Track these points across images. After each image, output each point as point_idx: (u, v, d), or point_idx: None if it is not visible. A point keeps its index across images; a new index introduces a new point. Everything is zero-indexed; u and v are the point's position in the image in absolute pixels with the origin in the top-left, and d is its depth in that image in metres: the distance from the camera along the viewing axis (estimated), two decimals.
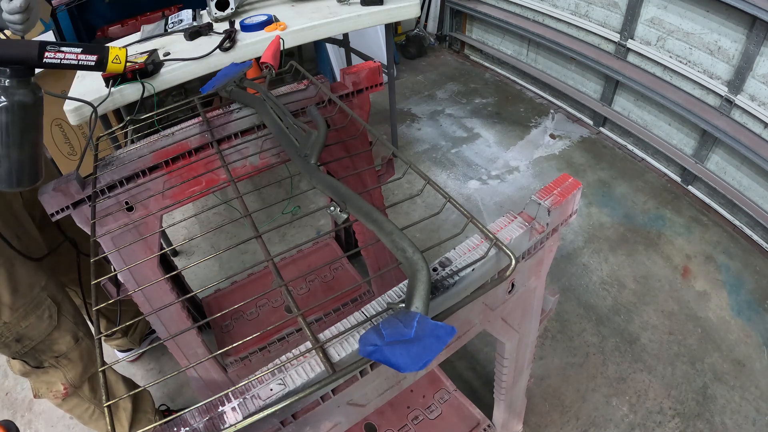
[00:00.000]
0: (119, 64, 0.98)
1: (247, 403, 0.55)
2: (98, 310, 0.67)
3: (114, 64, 0.96)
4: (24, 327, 1.08)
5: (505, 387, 1.13)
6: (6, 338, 1.06)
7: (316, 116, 0.93)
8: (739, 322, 1.79)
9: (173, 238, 2.31)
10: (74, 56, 0.85)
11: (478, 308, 0.78)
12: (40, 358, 1.15)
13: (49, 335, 1.13)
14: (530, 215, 0.76)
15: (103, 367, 0.62)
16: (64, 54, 0.83)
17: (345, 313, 1.70)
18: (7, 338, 1.06)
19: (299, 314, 0.64)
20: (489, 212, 2.35)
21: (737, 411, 1.53)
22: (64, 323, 1.16)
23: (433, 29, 3.90)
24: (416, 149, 2.81)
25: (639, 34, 2.42)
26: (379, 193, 1.53)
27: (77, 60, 0.86)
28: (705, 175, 2.24)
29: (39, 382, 1.20)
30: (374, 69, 1.28)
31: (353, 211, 0.70)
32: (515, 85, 3.36)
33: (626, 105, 2.65)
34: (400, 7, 2.06)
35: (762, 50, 1.89)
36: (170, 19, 1.99)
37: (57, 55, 0.83)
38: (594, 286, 1.94)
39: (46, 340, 1.13)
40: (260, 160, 1.19)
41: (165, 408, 1.62)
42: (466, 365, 1.70)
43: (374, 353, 0.49)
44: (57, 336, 1.15)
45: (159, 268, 1.22)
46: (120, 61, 0.99)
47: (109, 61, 0.92)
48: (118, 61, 0.98)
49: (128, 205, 1.08)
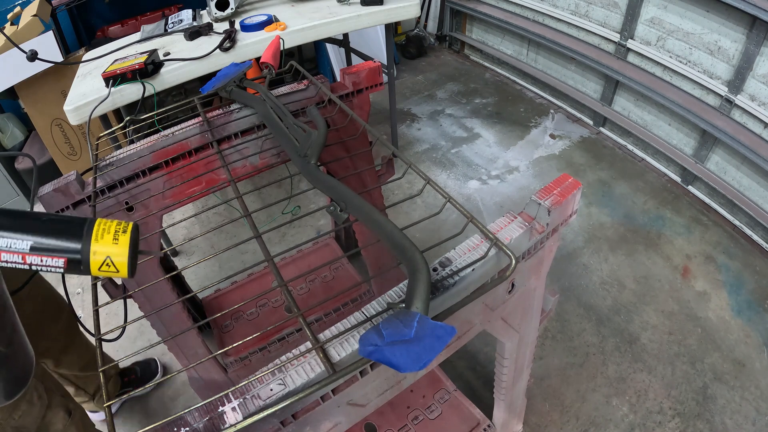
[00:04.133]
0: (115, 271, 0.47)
1: (247, 403, 0.55)
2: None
3: (104, 272, 0.47)
4: (18, 418, 1.00)
5: (505, 387, 1.13)
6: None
7: (316, 116, 0.93)
8: (739, 322, 1.79)
9: (173, 238, 2.31)
10: (19, 259, 0.44)
11: (478, 308, 0.78)
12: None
13: (44, 418, 1.06)
14: (530, 215, 0.76)
15: (103, 368, 0.62)
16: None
17: (345, 313, 1.70)
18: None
19: (299, 314, 0.64)
20: (489, 212, 2.35)
21: (737, 411, 1.53)
22: (54, 399, 1.10)
23: (433, 29, 3.90)
24: (416, 149, 2.81)
25: (639, 34, 2.42)
26: (379, 193, 1.53)
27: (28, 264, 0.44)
28: (705, 175, 2.24)
29: None
30: (374, 69, 1.28)
31: (353, 211, 0.70)
32: (515, 85, 3.36)
33: (626, 105, 2.65)
34: (400, 7, 2.06)
35: (762, 50, 1.89)
36: (170, 19, 1.99)
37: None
38: (594, 286, 1.94)
39: (42, 426, 1.07)
40: (260, 160, 1.19)
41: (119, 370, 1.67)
42: (466, 365, 1.70)
43: (374, 353, 0.49)
44: (51, 416, 1.08)
45: (159, 268, 1.22)
46: (115, 269, 0.47)
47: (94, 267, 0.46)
48: (111, 269, 0.47)
49: (128, 205, 1.08)
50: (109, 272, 0.46)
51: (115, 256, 0.45)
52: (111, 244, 0.45)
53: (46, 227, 0.44)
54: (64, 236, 0.44)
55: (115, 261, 0.45)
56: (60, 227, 0.44)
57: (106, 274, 0.47)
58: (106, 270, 0.46)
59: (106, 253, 0.45)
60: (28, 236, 0.43)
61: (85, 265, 0.45)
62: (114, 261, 0.45)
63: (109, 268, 0.46)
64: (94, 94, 1.58)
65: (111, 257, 0.45)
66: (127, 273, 0.47)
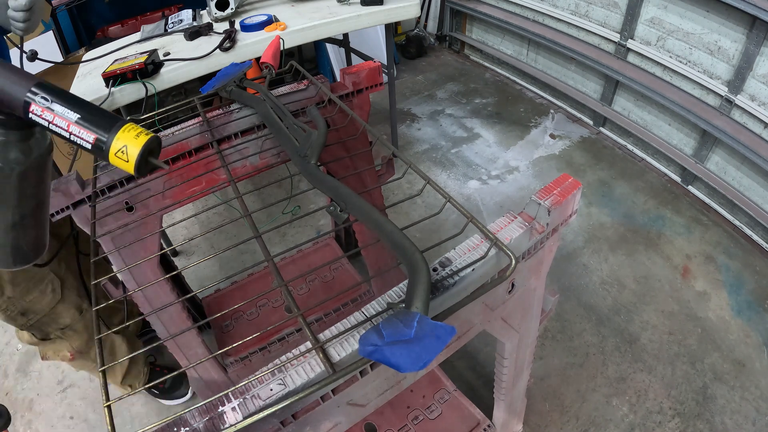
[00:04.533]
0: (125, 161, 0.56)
1: (247, 403, 0.55)
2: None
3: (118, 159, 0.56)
4: (28, 301, 1.12)
5: (505, 387, 1.13)
6: (11, 312, 1.11)
7: (316, 116, 0.93)
8: (739, 322, 1.79)
9: (173, 238, 2.31)
10: (65, 124, 0.53)
11: (478, 308, 0.78)
12: (46, 330, 1.21)
13: (53, 309, 1.18)
14: (530, 215, 0.76)
15: (103, 368, 0.62)
16: (54, 115, 0.53)
17: (345, 313, 1.70)
18: (12, 312, 1.12)
19: (299, 314, 0.64)
20: (489, 212, 2.35)
21: (737, 411, 1.53)
22: (68, 297, 1.20)
23: (433, 29, 3.90)
24: (416, 149, 2.81)
25: (639, 34, 2.42)
26: (379, 193, 1.53)
27: (68, 131, 0.54)
28: (705, 175, 2.24)
29: (46, 349, 1.27)
30: (374, 69, 1.28)
31: (353, 211, 0.70)
32: (515, 85, 3.36)
33: (626, 105, 2.65)
34: (400, 7, 2.06)
35: (762, 50, 1.89)
36: (170, 19, 1.99)
37: (45, 114, 0.53)
38: (594, 286, 1.94)
39: (51, 314, 1.18)
40: (260, 160, 1.19)
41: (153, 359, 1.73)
42: (466, 365, 1.70)
43: (374, 353, 0.49)
44: (61, 309, 1.19)
45: (159, 268, 1.22)
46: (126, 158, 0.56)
47: (112, 152, 0.55)
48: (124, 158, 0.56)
49: (128, 205, 1.08)
50: (122, 160, 0.55)
51: (130, 148, 0.54)
52: (132, 138, 0.54)
53: (92, 110, 0.55)
54: (103, 121, 0.55)
55: (128, 151, 0.55)
56: (101, 114, 0.55)
57: (118, 162, 0.55)
58: (120, 157, 0.55)
59: (125, 143, 0.54)
60: (78, 112, 0.54)
61: (107, 147, 0.55)
62: (128, 151, 0.55)
63: (123, 156, 0.55)
64: (94, 94, 1.58)
65: (127, 147, 0.55)
66: (134, 167, 0.55)
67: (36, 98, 0.53)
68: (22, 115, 0.54)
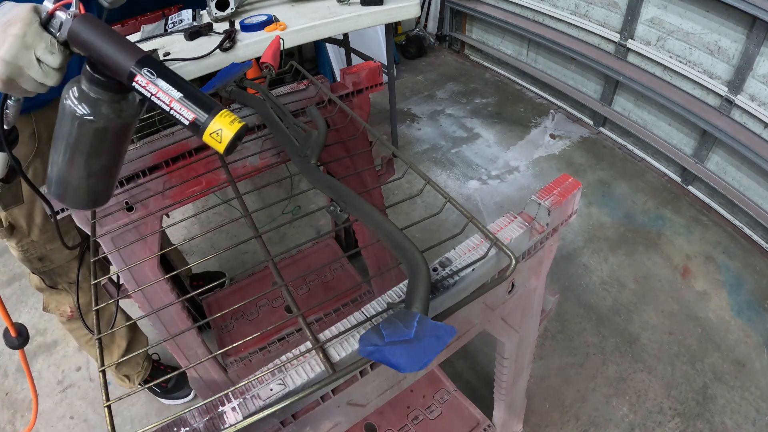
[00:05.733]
0: (218, 142, 0.60)
1: (247, 403, 0.55)
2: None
3: (212, 139, 0.60)
4: (48, 249, 1.20)
5: (505, 387, 1.13)
6: (31, 254, 1.19)
7: (316, 116, 0.93)
8: (739, 322, 1.79)
9: (173, 238, 2.31)
10: (167, 100, 0.58)
11: (478, 308, 0.78)
12: (56, 279, 1.27)
13: (69, 263, 1.25)
14: (530, 215, 0.76)
15: (102, 368, 0.62)
16: (157, 90, 0.58)
17: (345, 313, 1.70)
18: (32, 254, 1.19)
19: (299, 314, 0.64)
20: (489, 212, 2.35)
21: (737, 411, 1.53)
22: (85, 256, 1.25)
23: (433, 29, 3.90)
24: (416, 149, 2.81)
25: (639, 34, 2.42)
26: (379, 193, 1.53)
27: (169, 106, 0.59)
28: (705, 175, 2.24)
29: (50, 298, 1.33)
30: (374, 69, 1.28)
31: (353, 211, 0.70)
32: (515, 85, 3.36)
33: (626, 105, 2.65)
34: (400, 7, 2.06)
35: (762, 50, 1.89)
36: (170, 19, 1.99)
37: (149, 86, 0.58)
38: (594, 286, 1.94)
39: (65, 266, 1.25)
40: (260, 160, 1.19)
41: (157, 358, 1.74)
42: (466, 365, 1.70)
43: (374, 353, 0.49)
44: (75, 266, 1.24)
45: (159, 268, 1.22)
46: (221, 140, 0.60)
47: (207, 132, 0.59)
48: (218, 139, 0.60)
49: (128, 205, 1.08)
50: (215, 141, 0.60)
51: (225, 132, 0.60)
52: (227, 123, 0.60)
53: (194, 91, 0.60)
54: (203, 103, 0.60)
55: (222, 134, 0.60)
56: (202, 96, 0.60)
57: (211, 141, 0.60)
58: (213, 138, 0.60)
59: (221, 126, 0.59)
60: (181, 91, 0.59)
61: (204, 127, 0.59)
62: (222, 134, 0.60)
63: (217, 137, 0.60)
64: None
65: (222, 131, 0.60)
66: (225, 148, 0.60)
67: (143, 71, 0.57)
68: (125, 83, 0.58)
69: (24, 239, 1.17)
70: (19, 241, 1.17)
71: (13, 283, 2.21)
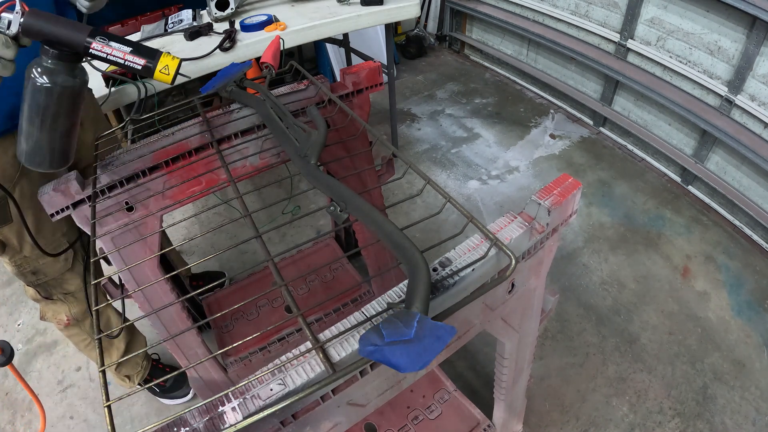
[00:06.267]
0: (167, 75, 0.82)
1: (247, 403, 0.55)
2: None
3: (161, 74, 0.81)
4: (41, 264, 1.21)
5: (505, 387, 1.13)
6: (24, 269, 1.21)
7: (316, 116, 0.93)
8: (739, 322, 1.79)
9: (173, 238, 2.31)
10: (121, 55, 0.77)
11: (478, 308, 0.78)
12: (51, 291, 1.29)
13: (62, 275, 1.26)
14: (530, 215, 0.76)
15: (102, 368, 0.62)
16: (112, 50, 0.76)
17: (345, 313, 1.70)
18: (25, 269, 1.21)
19: (299, 314, 0.64)
20: (489, 212, 2.35)
21: (737, 411, 1.53)
22: (77, 267, 1.29)
23: (433, 29, 3.90)
24: (416, 149, 2.81)
25: (639, 34, 2.42)
26: (379, 193, 1.53)
27: (123, 59, 0.78)
28: (705, 175, 2.24)
29: (47, 308, 1.35)
30: (374, 69, 1.28)
31: (353, 211, 0.70)
32: (515, 85, 3.36)
33: (626, 105, 2.65)
34: (400, 7, 2.06)
35: (762, 50, 1.89)
36: (170, 19, 1.99)
37: (104, 48, 0.75)
38: (594, 286, 1.94)
39: (59, 279, 1.27)
40: (260, 160, 1.19)
41: (157, 357, 1.75)
42: (466, 365, 1.70)
43: (374, 353, 0.49)
44: (69, 277, 1.28)
45: (159, 268, 1.22)
46: (168, 72, 0.82)
47: (157, 69, 0.80)
48: (167, 72, 0.82)
49: (128, 205, 1.08)
50: (164, 75, 0.82)
51: (170, 66, 0.82)
52: (169, 60, 0.82)
53: (138, 45, 0.80)
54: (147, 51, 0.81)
55: (169, 68, 0.82)
56: (144, 47, 0.81)
57: (161, 76, 0.82)
58: (163, 72, 0.82)
59: (165, 63, 0.82)
60: (130, 46, 0.79)
61: (153, 67, 0.81)
62: (168, 69, 0.82)
63: (165, 71, 0.82)
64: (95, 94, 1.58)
65: (168, 66, 0.82)
66: (172, 78, 0.83)
67: (96, 38, 0.75)
68: (81, 52, 0.75)
69: (16, 255, 1.18)
70: (12, 257, 1.18)
71: (13, 283, 2.21)
